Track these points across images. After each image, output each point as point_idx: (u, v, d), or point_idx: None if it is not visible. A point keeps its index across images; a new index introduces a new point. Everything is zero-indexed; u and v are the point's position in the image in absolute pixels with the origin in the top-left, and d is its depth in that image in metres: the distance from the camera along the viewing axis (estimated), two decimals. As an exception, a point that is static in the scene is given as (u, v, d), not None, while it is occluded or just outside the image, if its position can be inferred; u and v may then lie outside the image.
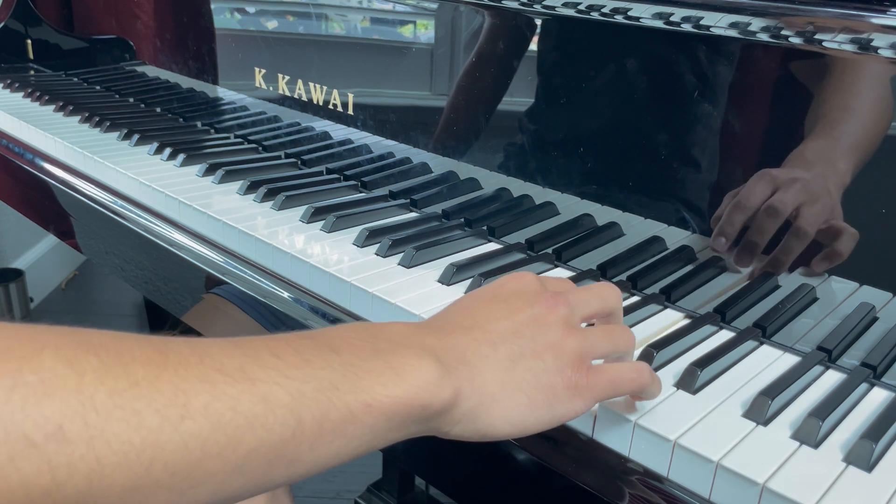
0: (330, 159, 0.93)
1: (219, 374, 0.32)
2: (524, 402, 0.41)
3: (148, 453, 0.29)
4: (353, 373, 0.36)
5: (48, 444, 0.27)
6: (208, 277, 0.75)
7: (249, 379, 0.33)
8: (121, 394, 0.29)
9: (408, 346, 0.39)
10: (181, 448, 0.30)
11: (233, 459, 0.32)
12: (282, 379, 0.33)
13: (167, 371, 0.31)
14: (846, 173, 0.54)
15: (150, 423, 0.29)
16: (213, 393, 0.31)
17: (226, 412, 0.31)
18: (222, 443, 0.31)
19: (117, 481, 0.28)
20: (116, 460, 0.28)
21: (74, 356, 0.29)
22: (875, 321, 0.55)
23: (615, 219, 0.68)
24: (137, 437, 0.29)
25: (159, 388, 0.30)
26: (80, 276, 2.39)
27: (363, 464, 1.57)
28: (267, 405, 0.32)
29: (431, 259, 0.69)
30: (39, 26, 1.44)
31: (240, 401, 0.32)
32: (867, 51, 0.52)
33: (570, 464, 0.48)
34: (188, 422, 0.30)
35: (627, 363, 0.45)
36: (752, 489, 0.42)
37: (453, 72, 0.79)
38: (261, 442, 0.32)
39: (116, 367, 0.30)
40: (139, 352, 0.31)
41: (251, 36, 1.02)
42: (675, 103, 0.62)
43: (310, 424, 0.34)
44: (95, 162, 0.95)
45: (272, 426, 0.32)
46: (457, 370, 0.39)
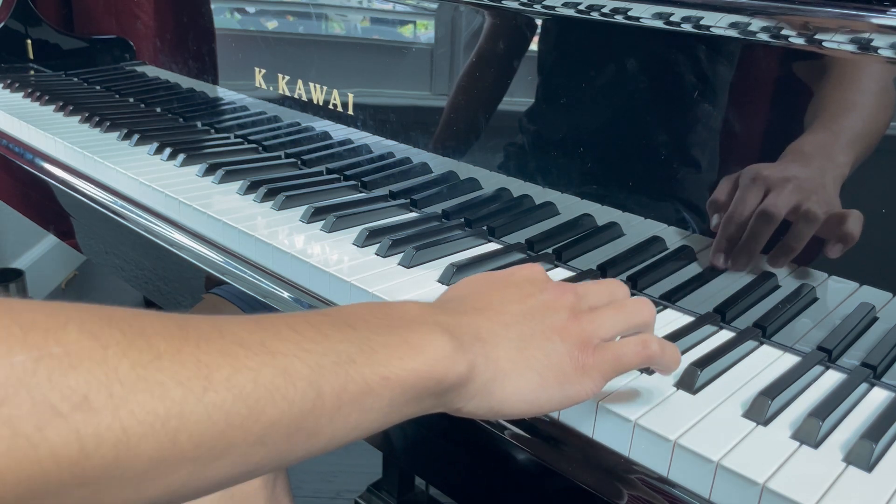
0: (330, 159, 0.93)
1: (239, 347, 0.32)
2: (536, 380, 0.42)
3: (173, 424, 0.29)
4: (369, 346, 0.37)
5: (75, 413, 0.27)
6: (208, 277, 0.75)
7: (269, 352, 0.33)
8: (144, 366, 0.29)
9: (422, 322, 0.40)
10: (205, 419, 0.30)
11: (255, 430, 0.32)
12: (301, 352, 0.34)
13: (188, 345, 0.31)
14: (845, 166, 0.54)
15: (174, 394, 0.30)
16: (234, 365, 0.32)
17: (247, 384, 0.32)
18: (244, 414, 0.31)
19: (144, 451, 0.29)
20: (142, 430, 0.29)
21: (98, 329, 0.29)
22: (875, 321, 0.55)
23: (615, 219, 0.68)
24: (162, 407, 0.29)
25: (181, 360, 0.31)
26: (80, 276, 2.39)
27: (363, 464, 1.57)
28: (287, 377, 0.33)
29: (431, 259, 0.69)
30: (39, 26, 1.44)
31: (260, 373, 0.32)
32: (867, 51, 0.52)
33: (570, 464, 0.48)
34: (211, 393, 0.31)
35: (633, 337, 0.45)
36: (752, 489, 0.42)
37: (453, 72, 0.79)
38: (282, 413, 0.33)
39: (139, 341, 0.30)
40: (160, 326, 0.31)
41: (251, 36, 1.02)
42: (675, 103, 0.62)
43: (329, 397, 0.34)
44: (95, 162, 0.95)
45: (293, 398, 0.33)
46: (471, 346, 0.40)
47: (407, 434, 0.58)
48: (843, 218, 0.54)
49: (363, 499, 1.23)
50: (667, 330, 0.58)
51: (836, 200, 0.54)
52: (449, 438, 0.55)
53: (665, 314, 0.62)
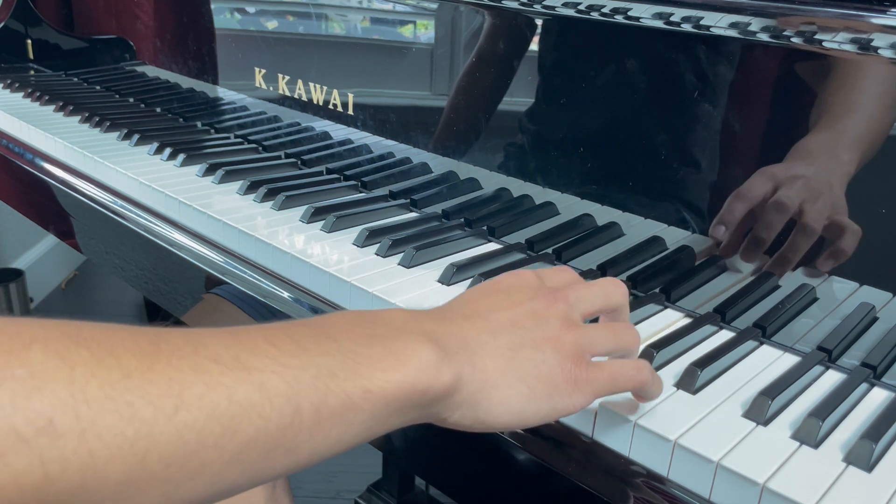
0: (330, 159, 0.93)
1: (213, 363, 0.31)
2: (524, 392, 0.40)
3: (142, 445, 0.28)
4: (351, 359, 0.35)
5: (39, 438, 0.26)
6: (208, 277, 0.75)
7: (245, 368, 0.32)
8: (112, 385, 0.28)
9: (407, 331, 0.38)
10: (176, 439, 0.29)
11: (229, 449, 0.31)
12: (278, 367, 0.33)
13: (160, 362, 0.30)
14: (850, 164, 0.54)
15: (144, 414, 0.29)
16: (208, 383, 0.31)
17: (221, 402, 0.31)
18: (218, 433, 0.30)
19: (111, 475, 0.28)
20: (109, 453, 0.28)
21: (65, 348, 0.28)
22: (875, 321, 0.55)
23: (615, 219, 0.68)
24: (130, 429, 0.28)
25: (152, 379, 0.29)
26: (80, 276, 2.39)
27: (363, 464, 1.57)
28: (263, 394, 0.32)
29: (431, 259, 0.69)
30: (39, 26, 1.44)
31: (235, 390, 0.31)
32: (867, 51, 0.52)
33: (570, 464, 0.48)
34: (182, 412, 0.30)
35: (628, 360, 0.45)
36: (752, 489, 0.42)
37: (453, 72, 0.79)
38: (258, 431, 0.32)
39: (108, 359, 0.29)
40: (131, 343, 0.30)
41: (251, 36, 1.02)
42: (675, 103, 0.62)
43: (308, 412, 0.33)
44: (95, 162, 0.95)
45: (269, 415, 0.32)
46: (457, 355, 0.39)
47: (407, 434, 0.58)
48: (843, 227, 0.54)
49: (363, 499, 1.23)
50: (667, 330, 0.58)
51: (842, 201, 0.54)
52: (449, 438, 0.55)
53: (665, 314, 0.62)
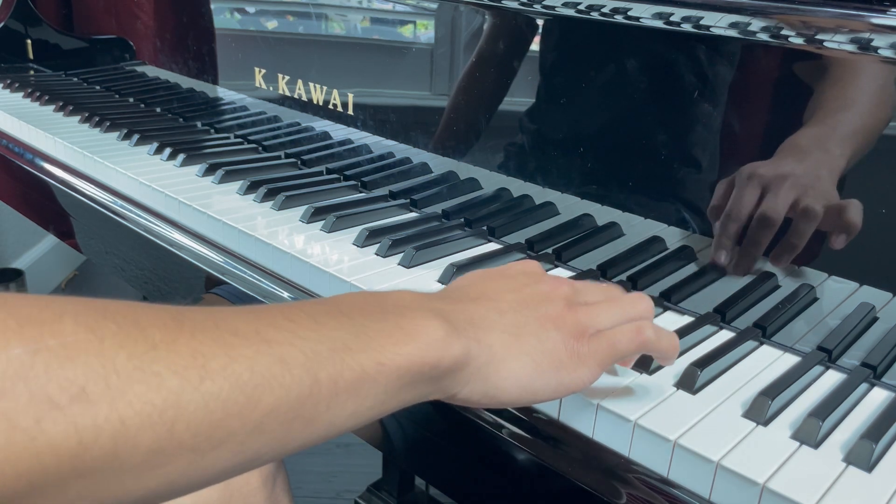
0: (330, 159, 0.93)
1: (234, 336, 0.33)
2: (531, 366, 0.42)
3: (170, 414, 0.29)
4: (364, 333, 0.37)
5: (73, 405, 0.27)
6: (208, 277, 0.75)
7: (265, 340, 0.33)
8: (140, 357, 0.29)
9: (415, 308, 0.40)
10: (202, 408, 0.30)
11: (252, 418, 0.32)
12: (296, 340, 0.34)
13: (184, 335, 0.31)
14: (840, 158, 0.54)
15: (171, 384, 0.30)
16: (230, 354, 0.32)
17: (244, 372, 0.32)
18: (242, 402, 0.32)
19: (142, 442, 0.29)
20: (140, 421, 0.29)
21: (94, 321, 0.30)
22: (875, 321, 0.55)
23: (615, 219, 0.68)
24: (158, 398, 0.29)
25: (177, 350, 0.31)
26: (80, 276, 2.39)
27: (363, 464, 1.57)
28: (283, 365, 0.33)
29: (431, 259, 0.69)
30: (39, 26, 1.44)
31: (257, 361, 0.32)
32: (867, 51, 0.52)
33: (570, 464, 0.48)
34: (207, 382, 0.31)
35: (627, 324, 0.45)
36: (752, 489, 0.42)
37: (453, 72, 0.79)
38: (279, 401, 0.33)
39: (134, 332, 0.30)
40: (154, 318, 0.32)
41: (251, 36, 1.02)
42: (675, 103, 0.62)
43: (326, 383, 0.34)
44: (95, 162, 0.95)
45: (289, 385, 0.33)
46: (465, 330, 0.40)
47: (407, 434, 0.58)
48: (842, 208, 0.54)
49: (363, 499, 1.23)
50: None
51: (833, 192, 0.54)
52: (449, 439, 0.55)
53: (665, 315, 0.62)
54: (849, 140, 0.54)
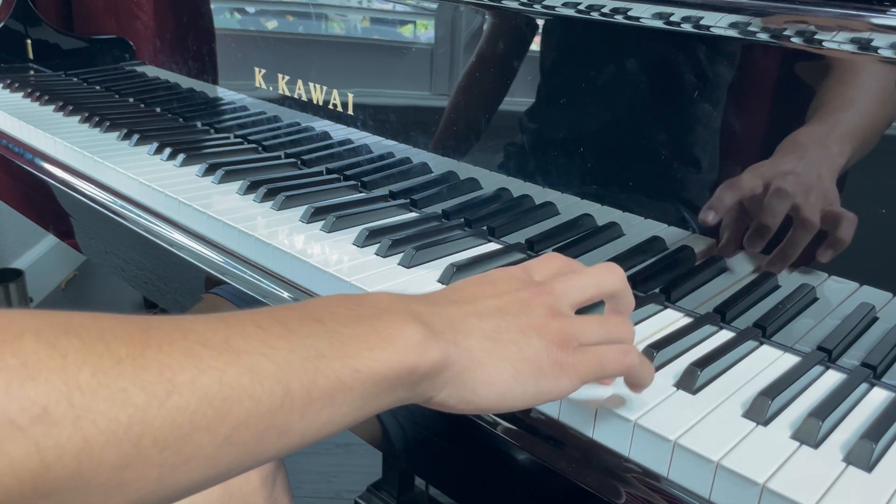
0: (330, 159, 0.93)
1: (203, 347, 0.32)
2: (510, 372, 0.41)
3: (136, 430, 0.29)
4: (338, 339, 0.36)
5: (35, 426, 0.27)
6: (208, 277, 0.75)
7: (234, 351, 0.32)
8: (105, 372, 0.29)
9: (392, 311, 0.39)
10: (169, 423, 0.30)
11: (222, 432, 0.31)
12: (267, 349, 0.33)
13: (151, 348, 0.31)
14: (839, 156, 0.54)
15: (137, 400, 0.29)
16: (198, 367, 0.31)
17: (212, 385, 0.31)
18: (210, 415, 0.31)
19: (107, 460, 0.28)
20: (104, 439, 0.28)
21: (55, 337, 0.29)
22: (875, 321, 0.55)
23: (615, 219, 0.68)
24: (124, 414, 0.29)
25: (144, 364, 0.30)
26: (80, 276, 2.39)
27: (363, 464, 1.57)
28: (253, 376, 0.32)
29: (431, 259, 0.69)
30: (39, 26, 1.44)
31: (226, 372, 0.32)
32: (867, 51, 0.52)
33: (570, 464, 0.48)
34: (175, 396, 0.30)
35: (615, 345, 0.45)
36: (752, 489, 0.42)
37: (453, 72, 0.79)
38: (249, 413, 0.32)
39: (99, 346, 0.29)
40: (120, 331, 0.31)
41: (251, 36, 1.02)
42: (675, 103, 0.62)
43: (298, 393, 0.33)
44: (95, 162, 0.95)
45: (260, 396, 0.32)
46: (443, 334, 0.39)
47: (407, 434, 0.58)
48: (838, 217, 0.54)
49: (363, 499, 1.23)
50: (667, 330, 0.58)
51: (833, 192, 0.54)
52: (449, 439, 0.55)
53: (665, 314, 0.62)
54: (848, 139, 0.54)
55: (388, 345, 0.37)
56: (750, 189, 0.58)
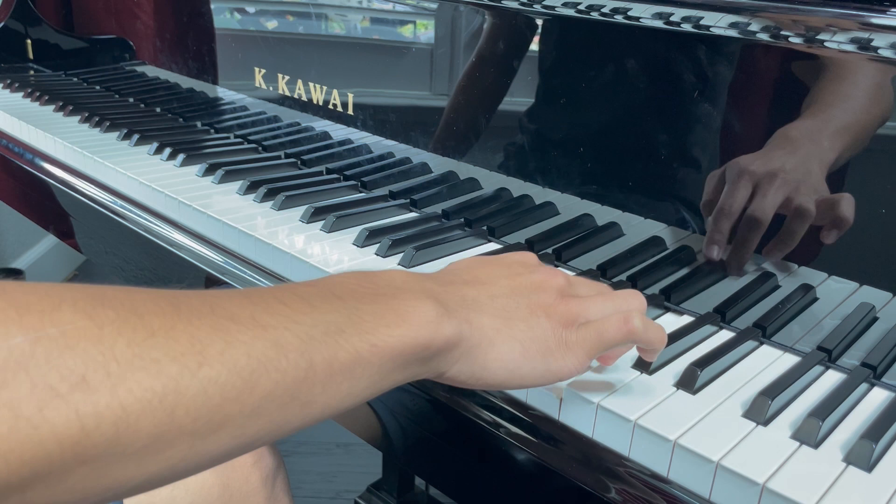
0: (330, 159, 0.93)
1: (231, 322, 0.33)
2: (518, 350, 0.43)
3: (170, 399, 0.30)
4: (357, 316, 0.37)
5: (74, 393, 0.28)
6: (208, 277, 0.75)
7: (261, 325, 0.34)
8: (139, 344, 0.30)
9: (408, 289, 0.41)
10: (201, 393, 0.31)
11: (250, 402, 0.33)
12: (291, 324, 0.35)
13: (181, 321, 0.32)
14: (830, 151, 0.54)
15: (170, 370, 0.30)
16: (227, 340, 0.32)
17: (241, 357, 0.32)
18: (239, 387, 0.32)
19: (143, 428, 0.29)
20: (140, 407, 0.29)
21: (92, 309, 0.30)
22: (875, 321, 0.55)
23: (615, 219, 0.68)
24: (158, 384, 0.30)
25: (175, 337, 0.31)
26: (80, 276, 2.39)
27: (363, 464, 1.57)
28: (279, 349, 0.34)
29: (431, 259, 0.69)
30: (39, 26, 1.44)
31: (253, 346, 0.33)
32: (867, 51, 0.52)
33: (569, 463, 0.48)
34: (206, 368, 0.31)
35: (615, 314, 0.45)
36: (752, 489, 0.42)
37: (453, 72, 0.79)
38: (275, 385, 0.33)
39: (133, 318, 0.30)
40: (152, 304, 0.32)
41: (251, 36, 1.02)
42: (674, 103, 0.62)
43: (321, 366, 0.35)
44: (95, 162, 0.95)
45: (285, 369, 0.34)
46: (456, 311, 0.41)
47: (407, 434, 0.58)
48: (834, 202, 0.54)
49: (363, 499, 1.23)
50: (667, 330, 0.58)
51: (823, 186, 0.54)
52: (449, 438, 0.55)
53: (665, 315, 0.62)
54: (840, 136, 0.54)
55: (404, 321, 0.38)
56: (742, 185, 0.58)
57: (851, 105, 0.54)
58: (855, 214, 0.54)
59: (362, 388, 0.37)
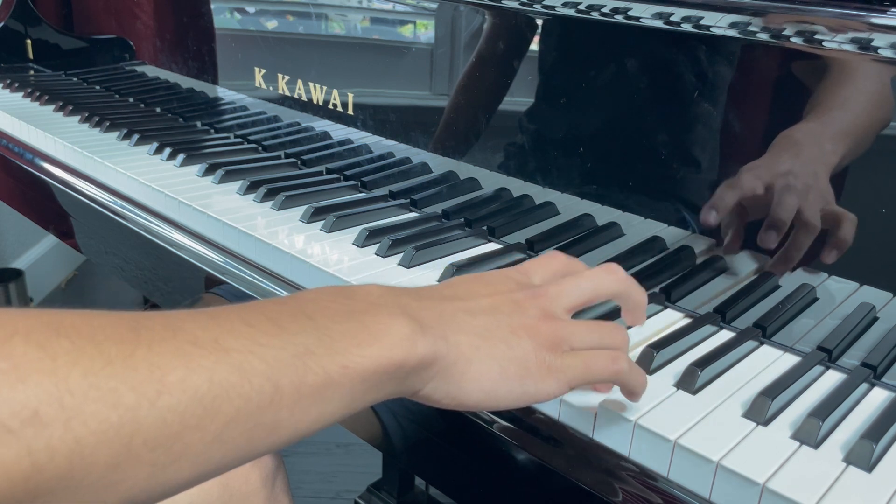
0: (330, 159, 0.93)
1: (193, 346, 0.32)
2: (496, 371, 0.41)
3: (127, 430, 0.29)
4: (328, 336, 0.36)
5: (25, 429, 0.27)
6: (208, 277, 0.75)
7: (224, 349, 0.32)
8: (95, 374, 0.29)
9: (382, 305, 0.39)
10: (160, 422, 0.30)
11: (212, 430, 0.31)
12: (256, 347, 0.33)
13: (141, 348, 0.31)
14: (832, 154, 0.54)
15: (127, 400, 0.29)
16: (188, 366, 0.31)
17: (202, 384, 0.31)
18: (200, 414, 0.31)
19: (98, 460, 0.28)
20: (95, 439, 0.28)
21: (45, 339, 0.29)
22: (875, 321, 0.55)
23: (615, 219, 0.68)
24: (115, 415, 0.29)
25: (134, 365, 0.30)
26: (80, 276, 2.39)
27: (363, 464, 1.57)
28: (242, 374, 0.32)
29: (431, 259, 0.69)
30: (39, 26, 1.44)
31: (215, 371, 0.32)
32: (867, 51, 0.52)
33: (570, 464, 0.48)
34: (165, 397, 0.30)
35: (605, 350, 0.44)
36: (752, 489, 0.42)
37: (453, 72, 0.79)
38: (238, 411, 0.32)
39: (89, 348, 0.29)
40: (111, 330, 0.31)
41: (251, 36, 1.02)
42: (675, 103, 0.62)
43: (288, 390, 0.34)
44: (95, 162, 0.95)
45: (249, 394, 0.32)
46: (431, 329, 0.39)
47: (407, 434, 0.58)
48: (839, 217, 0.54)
49: (363, 499, 1.23)
50: (667, 330, 0.58)
51: (829, 190, 0.54)
52: (449, 438, 0.55)
53: (665, 314, 0.62)
54: (843, 137, 0.54)
55: (377, 340, 0.37)
56: (751, 188, 0.58)
57: (851, 106, 0.54)
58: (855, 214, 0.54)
59: (333, 410, 0.36)
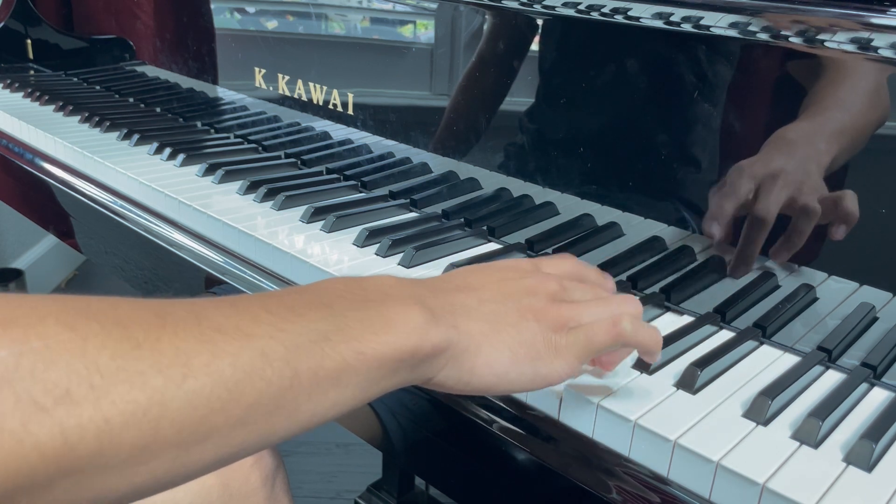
0: (330, 159, 0.93)
1: (217, 333, 0.33)
2: (507, 355, 0.42)
3: (154, 412, 0.30)
4: (344, 323, 0.37)
5: (58, 407, 0.28)
6: (208, 277, 0.75)
7: (246, 335, 0.34)
8: (123, 356, 0.30)
9: (396, 295, 0.41)
10: (186, 405, 0.31)
11: (235, 413, 0.33)
12: (277, 333, 0.35)
13: (166, 333, 0.32)
14: (826, 154, 0.54)
15: (154, 382, 0.30)
16: (212, 351, 0.32)
17: (226, 368, 0.32)
18: (224, 397, 0.32)
19: (126, 440, 0.29)
20: (124, 420, 0.29)
21: (76, 321, 0.30)
22: (875, 321, 0.55)
23: (615, 219, 0.68)
24: (143, 396, 0.30)
25: (160, 349, 0.31)
26: (80, 276, 2.39)
27: (363, 464, 1.57)
28: (264, 358, 0.34)
29: (431, 259, 0.69)
30: (39, 26, 1.44)
31: (238, 356, 0.33)
32: (867, 51, 0.52)
33: (569, 463, 0.48)
34: (191, 380, 0.31)
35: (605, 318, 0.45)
36: (752, 489, 0.42)
37: (453, 72, 0.79)
38: (260, 394, 0.33)
39: (117, 331, 0.30)
40: (137, 315, 0.32)
41: (251, 36, 1.02)
42: (675, 103, 0.62)
43: (306, 375, 0.35)
44: (95, 162, 0.95)
45: (270, 378, 0.34)
46: (443, 317, 0.41)
47: (407, 434, 0.58)
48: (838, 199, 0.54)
49: (363, 499, 1.23)
50: (667, 330, 0.58)
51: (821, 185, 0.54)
52: (449, 438, 0.55)
53: (665, 315, 0.62)
54: (838, 136, 0.54)
55: (392, 328, 0.38)
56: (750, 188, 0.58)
57: (851, 105, 0.54)
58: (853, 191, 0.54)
59: (349, 395, 0.37)
